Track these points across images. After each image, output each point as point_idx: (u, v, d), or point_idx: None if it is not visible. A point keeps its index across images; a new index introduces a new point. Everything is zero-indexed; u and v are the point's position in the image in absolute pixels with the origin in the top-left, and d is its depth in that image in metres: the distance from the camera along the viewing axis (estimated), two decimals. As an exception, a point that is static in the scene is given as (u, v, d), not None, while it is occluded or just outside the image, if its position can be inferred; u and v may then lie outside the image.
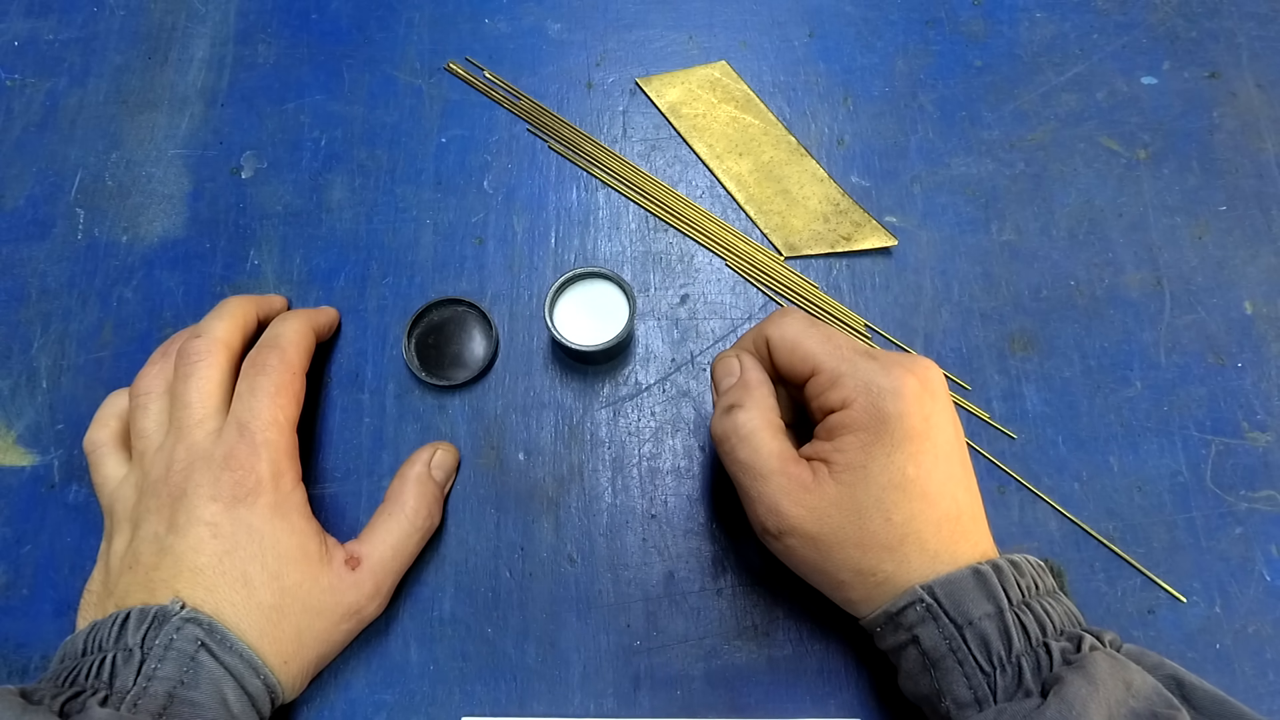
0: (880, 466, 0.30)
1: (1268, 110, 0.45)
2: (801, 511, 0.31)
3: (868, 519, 0.30)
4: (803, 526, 0.31)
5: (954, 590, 0.29)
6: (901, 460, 0.30)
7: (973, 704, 0.28)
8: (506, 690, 0.36)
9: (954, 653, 0.29)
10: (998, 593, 0.29)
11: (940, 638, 0.29)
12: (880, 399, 0.30)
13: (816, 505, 0.31)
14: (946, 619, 0.29)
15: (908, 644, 0.30)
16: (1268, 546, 0.38)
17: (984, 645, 0.29)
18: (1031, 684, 0.28)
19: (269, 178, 0.45)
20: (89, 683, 0.28)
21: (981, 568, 0.30)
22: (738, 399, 0.33)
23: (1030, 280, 0.43)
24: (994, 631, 0.29)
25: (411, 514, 0.36)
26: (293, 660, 0.32)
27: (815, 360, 0.32)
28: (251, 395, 0.34)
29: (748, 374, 0.34)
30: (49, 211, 0.44)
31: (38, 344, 0.42)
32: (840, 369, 0.31)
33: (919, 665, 0.30)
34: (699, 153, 0.46)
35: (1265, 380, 0.40)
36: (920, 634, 0.30)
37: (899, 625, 0.30)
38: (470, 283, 0.43)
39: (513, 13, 0.48)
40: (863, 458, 0.30)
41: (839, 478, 0.31)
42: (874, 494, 0.30)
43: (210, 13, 0.49)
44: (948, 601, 0.29)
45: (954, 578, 0.29)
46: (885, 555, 0.30)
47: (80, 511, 0.39)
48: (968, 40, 0.47)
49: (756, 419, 0.32)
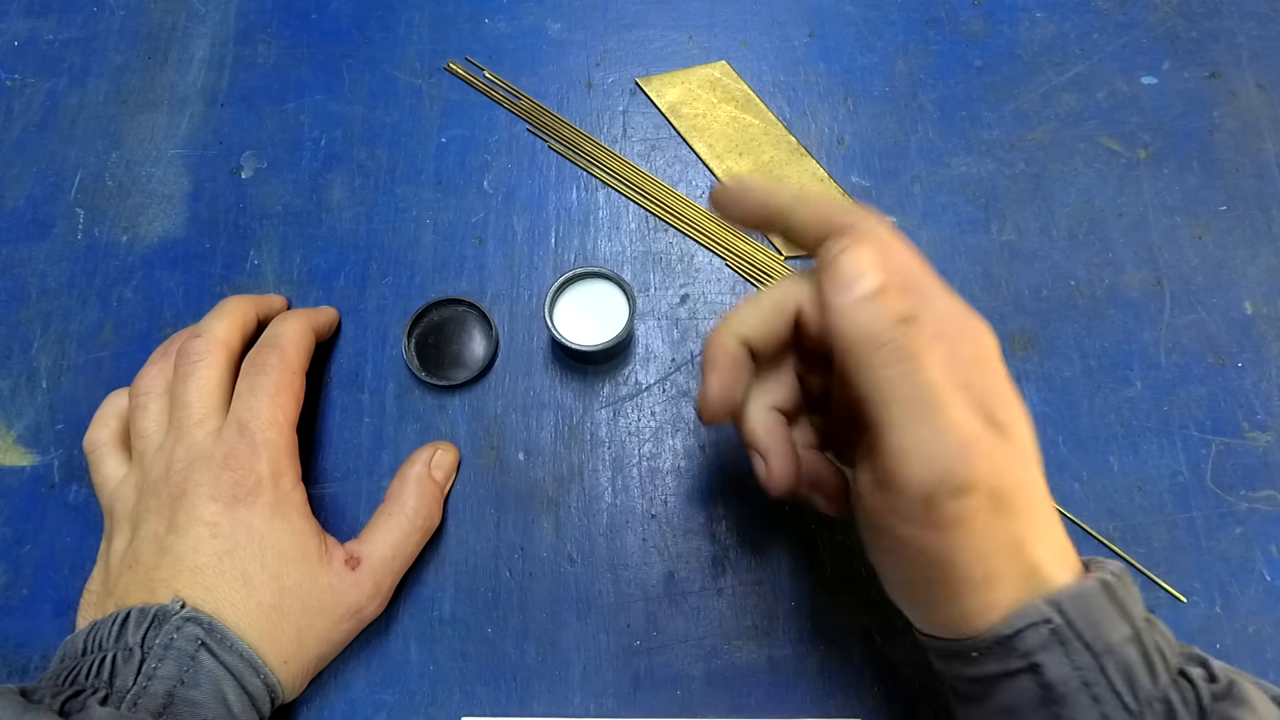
0: (1010, 404, 0.25)
1: (1268, 110, 0.45)
2: (993, 461, 0.24)
3: (1028, 476, 0.25)
4: (992, 480, 0.24)
5: (1086, 606, 0.24)
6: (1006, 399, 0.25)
7: None
8: (506, 690, 0.36)
9: (1088, 687, 0.23)
10: (1130, 610, 0.24)
11: (1071, 668, 0.23)
12: None
13: (1002, 456, 0.24)
14: (1080, 644, 0.24)
15: (1017, 673, 0.24)
16: (1268, 546, 0.38)
17: (1128, 678, 0.23)
18: None
19: (269, 178, 0.45)
20: (89, 682, 0.28)
21: (1107, 579, 0.24)
22: (912, 307, 0.25)
23: (1030, 280, 0.43)
24: (1137, 659, 0.23)
25: (411, 514, 0.36)
26: (293, 660, 0.32)
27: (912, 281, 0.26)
28: (251, 395, 0.34)
29: (914, 278, 0.27)
30: (49, 211, 0.44)
31: (38, 344, 0.42)
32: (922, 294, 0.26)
33: (1031, 700, 0.24)
34: (699, 153, 0.46)
35: (1265, 380, 0.40)
36: (1044, 662, 0.24)
37: (1011, 650, 0.24)
38: (470, 283, 0.43)
39: (513, 13, 0.48)
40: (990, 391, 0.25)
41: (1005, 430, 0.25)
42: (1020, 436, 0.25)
43: (210, 13, 0.49)
44: (1081, 622, 0.24)
45: (1083, 591, 0.24)
46: (1040, 535, 0.25)
47: (80, 511, 0.39)
48: (968, 40, 0.47)
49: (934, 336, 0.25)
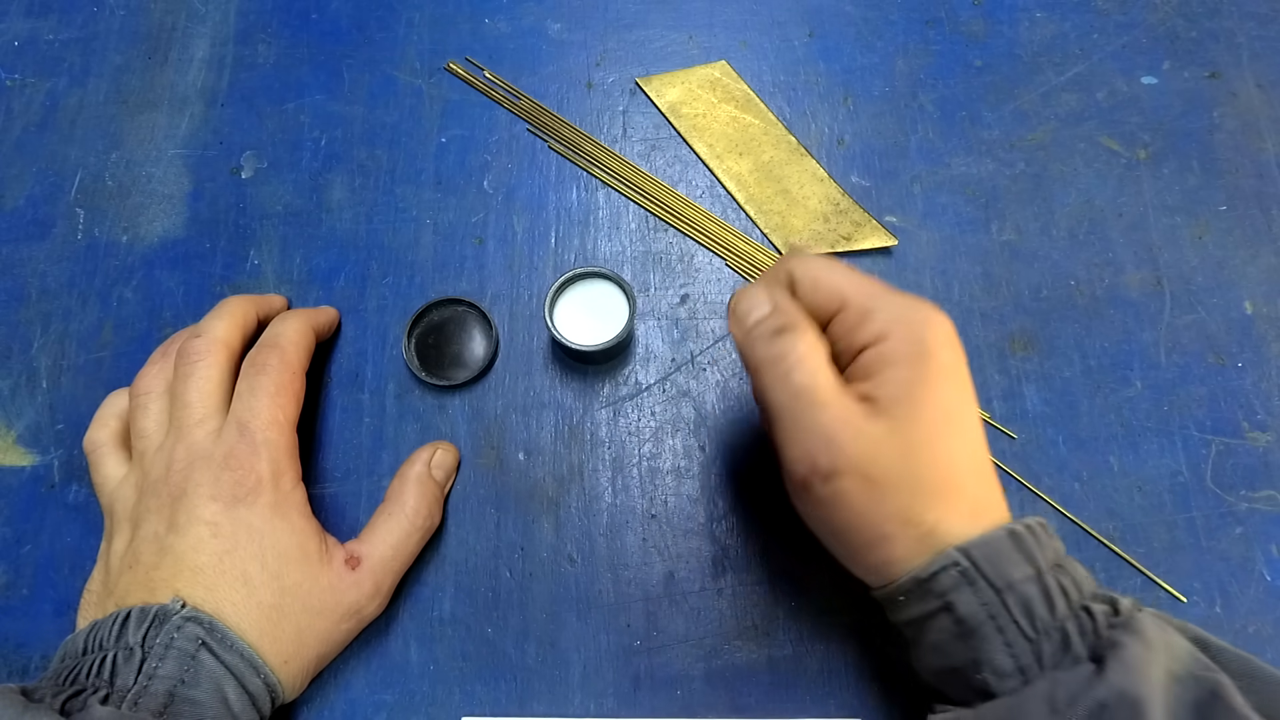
0: (929, 399, 0.28)
1: (1268, 110, 0.45)
2: (860, 446, 0.28)
3: (918, 456, 0.28)
4: (858, 464, 0.28)
5: (991, 552, 0.27)
6: (944, 395, 0.28)
7: (1015, 673, 0.27)
8: (506, 690, 0.36)
9: (994, 619, 0.27)
10: (1034, 553, 0.27)
11: (978, 604, 0.27)
12: (921, 329, 0.29)
13: (873, 439, 0.28)
14: (985, 583, 0.27)
15: (937, 612, 0.28)
16: (1268, 546, 0.38)
17: (1027, 610, 0.27)
18: (1080, 649, 0.26)
19: (269, 178, 0.45)
20: (90, 681, 0.28)
21: (1015, 528, 0.28)
22: (787, 322, 0.30)
23: (1030, 280, 0.43)
24: (1036, 595, 0.27)
25: (411, 514, 0.36)
26: (293, 660, 0.32)
27: (843, 294, 0.30)
28: (251, 395, 0.34)
29: (783, 303, 0.31)
30: (49, 211, 0.44)
31: (38, 344, 0.42)
32: (872, 303, 0.29)
33: (951, 635, 0.28)
34: (699, 153, 0.46)
35: (1265, 380, 0.40)
36: (955, 600, 0.27)
37: (928, 592, 0.28)
38: (470, 283, 0.43)
39: (513, 13, 0.48)
40: (909, 391, 0.28)
41: (889, 413, 0.28)
42: (922, 430, 0.28)
43: (210, 13, 0.49)
44: (986, 564, 0.27)
45: (989, 539, 0.27)
46: (933, 501, 0.28)
47: (80, 511, 0.39)
48: (968, 40, 0.48)
49: (812, 341, 0.29)
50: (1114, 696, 0.24)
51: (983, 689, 0.28)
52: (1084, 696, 0.25)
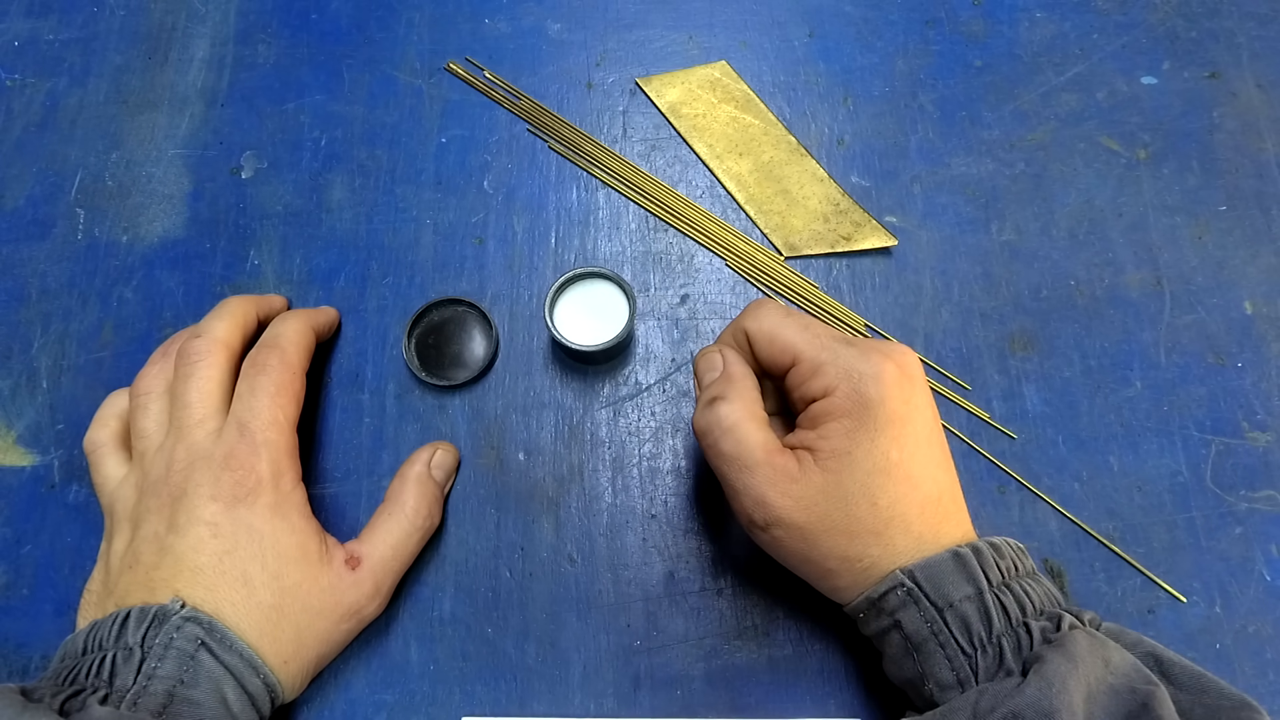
0: (865, 452, 0.30)
1: (1268, 110, 0.45)
2: (788, 502, 0.31)
3: (854, 505, 0.30)
4: (789, 517, 0.31)
5: (934, 573, 0.29)
6: (885, 445, 0.30)
7: (955, 685, 0.29)
8: (506, 690, 0.36)
9: (935, 635, 0.29)
10: (977, 574, 0.29)
11: (922, 621, 0.29)
12: (862, 384, 0.31)
13: (803, 494, 0.31)
14: (927, 602, 0.29)
15: (890, 629, 0.30)
16: (1268, 546, 0.38)
17: (965, 627, 0.29)
18: (1012, 663, 0.28)
19: (269, 178, 0.45)
20: (89, 681, 0.28)
21: (960, 550, 0.30)
22: (720, 391, 0.33)
23: (1030, 280, 0.43)
24: (974, 613, 0.29)
25: (411, 514, 0.36)
26: (292, 660, 0.32)
27: (795, 350, 0.32)
28: (251, 395, 0.34)
29: (730, 367, 0.34)
30: (49, 211, 0.45)
31: (38, 344, 0.42)
32: (820, 357, 0.31)
33: (902, 649, 0.30)
34: (699, 153, 0.46)
35: (1265, 380, 0.40)
36: (902, 618, 0.30)
37: (881, 610, 0.30)
38: (470, 283, 0.43)
39: (513, 13, 0.48)
40: (847, 444, 0.30)
41: (824, 465, 0.30)
42: (859, 479, 0.30)
43: (210, 13, 0.49)
44: (928, 585, 0.29)
45: (933, 561, 0.30)
46: (872, 540, 0.30)
47: (80, 511, 0.39)
48: (968, 40, 0.47)
49: (739, 410, 0.32)
50: (1027, 707, 0.26)
51: (930, 699, 0.29)
52: (1000, 706, 0.26)
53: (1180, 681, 0.28)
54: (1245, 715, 0.27)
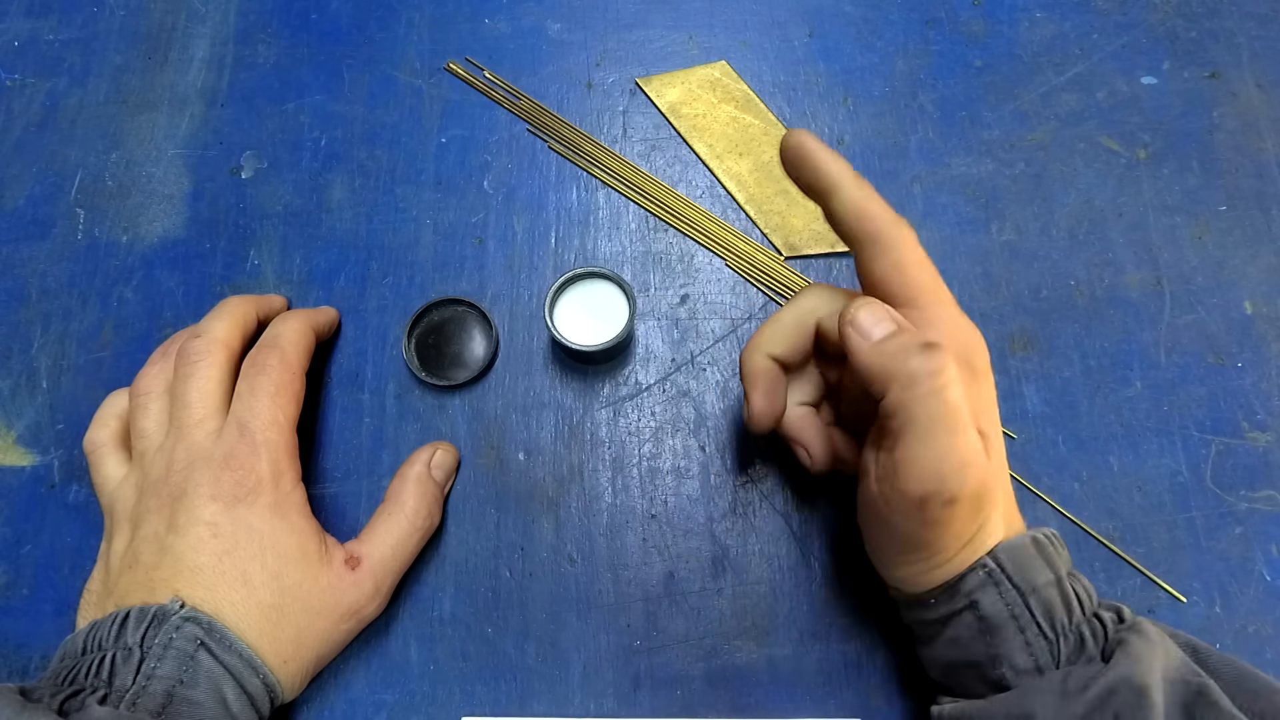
0: (993, 415, 0.31)
1: (1268, 110, 0.45)
2: (984, 475, 0.28)
3: (997, 479, 0.30)
4: (977, 492, 0.28)
5: (1017, 556, 0.29)
6: (992, 408, 0.31)
7: (1032, 670, 0.28)
8: (506, 690, 0.36)
9: (1016, 619, 0.29)
10: (1055, 561, 0.29)
11: (1002, 604, 0.29)
12: (973, 356, 0.30)
13: (989, 470, 0.28)
14: (1010, 584, 0.29)
15: (963, 610, 0.30)
16: (1268, 546, 0.38)
17: (1048, 612, 0.29)
18: (1094, 650, 0.28)
19: (269, 178, 0.45)
20: (88, 681, 0.28)
21: (1039, 535, 0.30)
22: (933, 338, 0.29)
23: (1030, 280, 0.43)
24: (1057, 599, 0.29)
25: (411, 514, 0.36)
26: (292, 660, 0.32)
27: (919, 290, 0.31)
28: (251, 395, 0.34)
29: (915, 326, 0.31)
30: (49, 211, 0.44)
31: (38, 344, 0.42)
32: (937, 311, 0.31)
33: (972, 632, 0.30)
34: (699, 153, 0.46)
35: (1265, 380, 0.40)
36: (980, 599, 0.29)
37: (956, 592, 0.30)
38: (470, 283, 0.43)
39: (513, 13, 0.48)
40: (982, 406, 0.30)
41: (986, 436, 0.29)
42: (998, 452, 0.30)
43: (210, 13, 0.49)
44: (1011, 567, 0.29)
45: (1015, 544, 0.29)
46: (986, 518, 0.29)
47: (80, 511, 0.39)
48: (968, 40, 0.47)
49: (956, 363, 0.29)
50: (1121, 682, 0.26)
51: (998, 683, 0.29)
52: (1094, 683, 0.27)
53: (1218, 670, 0.28)
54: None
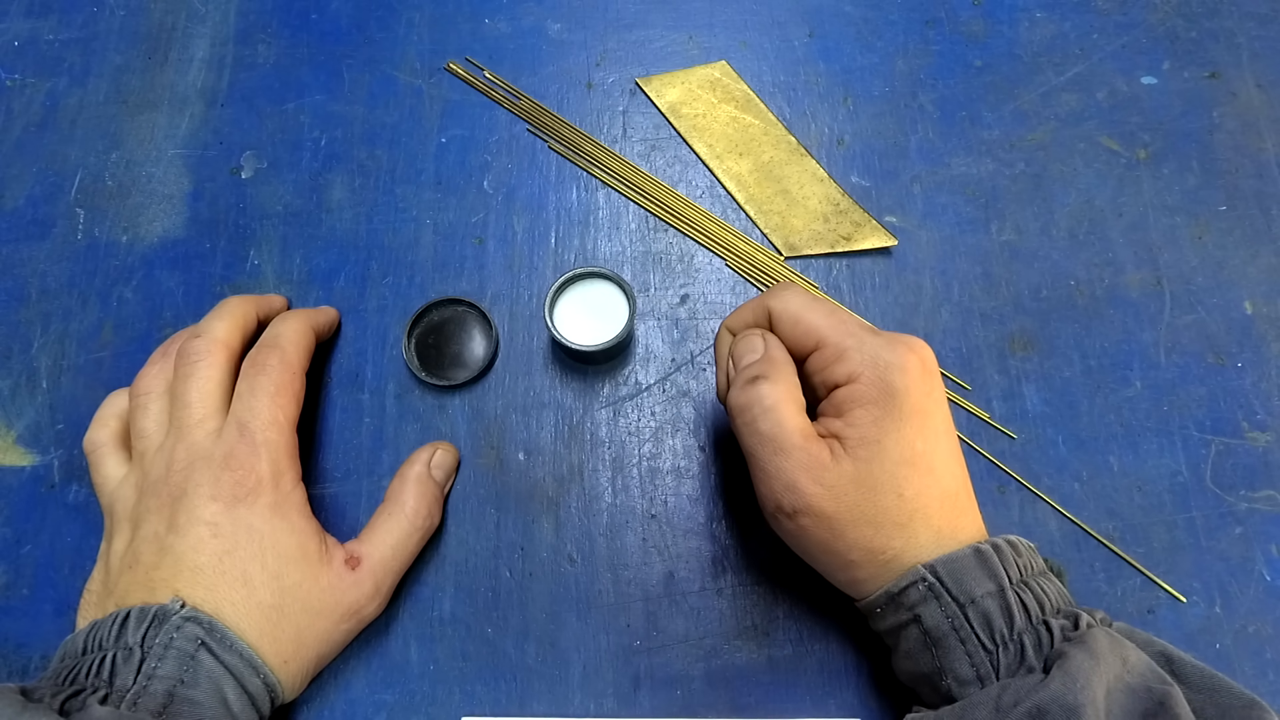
0: (893, 441, 0.30)
1: (1268, 110, 0.45)
2: (819, 489, 0.30)
3: (881, 495, 0.30)
4: (819, 505, 0.30)
5: (956, 569, 0.29)
6: (910, 435, 0.30)
7: (974, 681, 0.29)
8: (506, 690, 0.36)
9: (956, 631, 0.29)
10: (998, 571, 0.29)
11: (942, 616, 0.29)
12: (888, 373, 0.31)
13: (835, 483, 0.30)
14: (949, 597, 0.29)
15: (909, 623, 0.30)
16: (1268, 546, 0.38)
17: (986, 623, 0.29)
18: (1034, 660, 0.28)
19: (269, 178, 0.45)
20: (89, 681, 0.28)
21: (982, 546, 0.30)
22: (763, 371, 0.32)
23: (1030, 280, 0.43)
24: (996, 610, 0.29)
25: (411, 514, 0.36)
26: (292, 660, 0.32)
27: (820, 333, 0.32)
28: (251, 395, 0.34)
29: (773, 350, 0.33)
30: (49, 211, 0.44)
31: (38, 344, 0.42)
32: (846, 343, 0.32)
33: (919, 644, 0.30)
34: (699, 153, 0.46)
35: (1265, 380, 0.40)
36: (922, 613, 0.30)
37: (900, 605, 0.30)
38: (470, 283, 0.43)
39: (513, 13, 0.48)
40: (876, 432, 0.30)
41: (854, 454, 0.30)
42: (888, 469, 0.30)
43: (210, 13, 0.49)
44: (950, 580, 0.29)
45: (955, 557, 0.30)
46: (896, 532, 0.30)
47: (80, 511, 0.39)
48: (968, 40, 0.47)
49: (781, 392, 0.32)
50: (1052, 701, 0.26)
51: (947, 694, 0.29)
52: (1025, 700, 0.26)
53: (1191, 681, 0.28)
54: (1255, 714, 0.27)
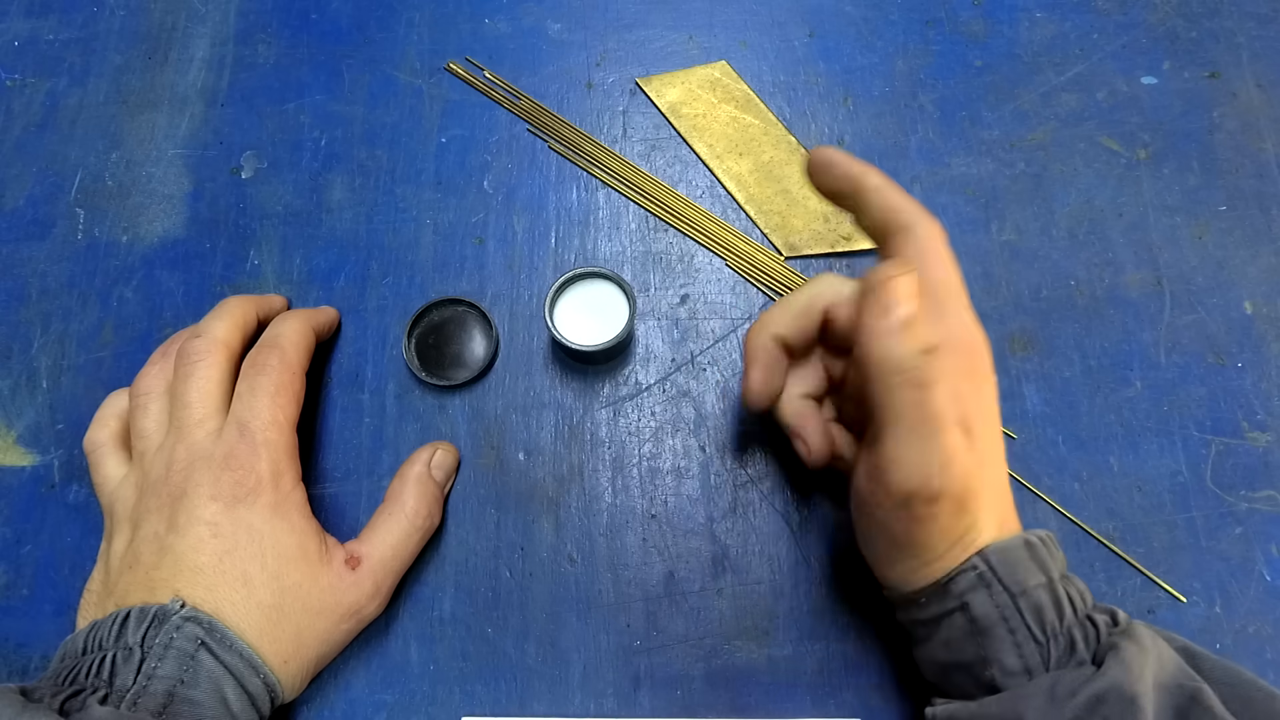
0: (993, 420, 0.30)
1: (1268, 110, 0.45)
2: (965, 473, 0.29)
3: (984, 477, 0.29)
4: (960, 491, 0.29)
5: (1008, 558, 0.29)
6: (997, 414, 0.30)
7: (1021, 673, 0.28)
8: (506, 690, 0.36)
9: (1006, 620, 0.29)
10: (1047, 563, 0.29)
11: (992, 605, 0.29)
12: (981, 353, 0.30)
13: (971, 468, 0.29)
14: (1000, 586, 0.29)
15: (953, 611, 0.30)
16: (1268, 546, 0.38)
17: (1038, 614, 0.28)
18: (1084, 653, 0.28)
19: (269, 178, 0.45)
20: (89, 681, 0.28)
21: (1030, 538, 0.30)
22: (937, 341, 0.29)
23: (1030, 280, 0.43)
24: (1047, 601, 0.29)
25: (411, 514, 0.36)
26: (292, 660, 0.32)
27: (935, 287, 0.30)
28: (251, 395, 0.34)
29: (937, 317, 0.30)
30: (49, 211, 0.44)
31: (38, 344, 0.42)
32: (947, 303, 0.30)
33: (963, 633, 0.29)
34: (699, 153, 0.46)
35: (1265, 380, 0.40)
36: (971, 600, 0.29)
37: (948, 593, 0.30)
38: (470, 283, 0.43)
39: (513, 13, 0.48)
40: (983, 412, 0.30)
41: (972, 433, 0.29)
42: (989, 451, 0.30)
43: (210, 13, 0.49)
44: (1002, 569, 0.29)
45: (1007, 546, 0.29)
46: (976, 517, 0.29)
47: (80, 511, 0.39)
48: (968, 40, 0.47)
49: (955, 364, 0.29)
50: (1110, 690, 0.26)
51: (989, 684, 0.29)
52: (1082, 690, 0.26)
53: (1213, 675, 0.28)
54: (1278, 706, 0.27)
